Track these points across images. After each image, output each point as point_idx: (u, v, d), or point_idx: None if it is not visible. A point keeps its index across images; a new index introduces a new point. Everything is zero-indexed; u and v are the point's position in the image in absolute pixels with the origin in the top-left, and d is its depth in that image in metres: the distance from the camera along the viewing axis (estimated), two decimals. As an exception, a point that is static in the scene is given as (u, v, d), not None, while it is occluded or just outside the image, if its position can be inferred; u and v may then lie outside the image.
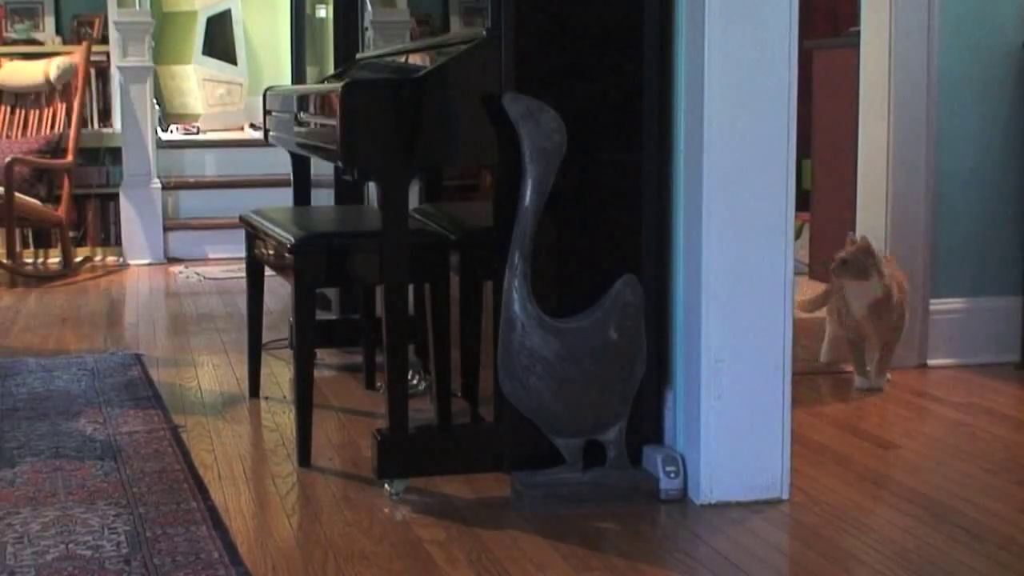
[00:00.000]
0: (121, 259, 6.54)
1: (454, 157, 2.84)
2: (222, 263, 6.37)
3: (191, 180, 6.94)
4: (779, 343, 2.63)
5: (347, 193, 4.03)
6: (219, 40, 8.34)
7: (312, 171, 3.90)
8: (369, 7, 4.78)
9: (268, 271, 3.36)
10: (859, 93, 3.97)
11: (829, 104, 4.50)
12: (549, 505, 2.61)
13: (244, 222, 3.45)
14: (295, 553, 2.39)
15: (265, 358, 3.83)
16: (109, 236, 6.66)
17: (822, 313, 3.87)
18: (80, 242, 6.57)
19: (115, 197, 6.61)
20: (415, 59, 3.12)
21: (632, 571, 2.29)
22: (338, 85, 2.62)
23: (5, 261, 5.99)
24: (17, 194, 5.76)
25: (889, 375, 3.65)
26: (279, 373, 3.87)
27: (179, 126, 7.79)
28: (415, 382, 3.42)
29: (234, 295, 5.38)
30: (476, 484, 2.75)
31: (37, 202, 6.00)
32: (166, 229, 6.61)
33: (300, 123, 3.14)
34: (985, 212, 3.92)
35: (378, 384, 3.60)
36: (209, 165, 7.12)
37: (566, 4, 2.63)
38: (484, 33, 2.63)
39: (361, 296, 3.67)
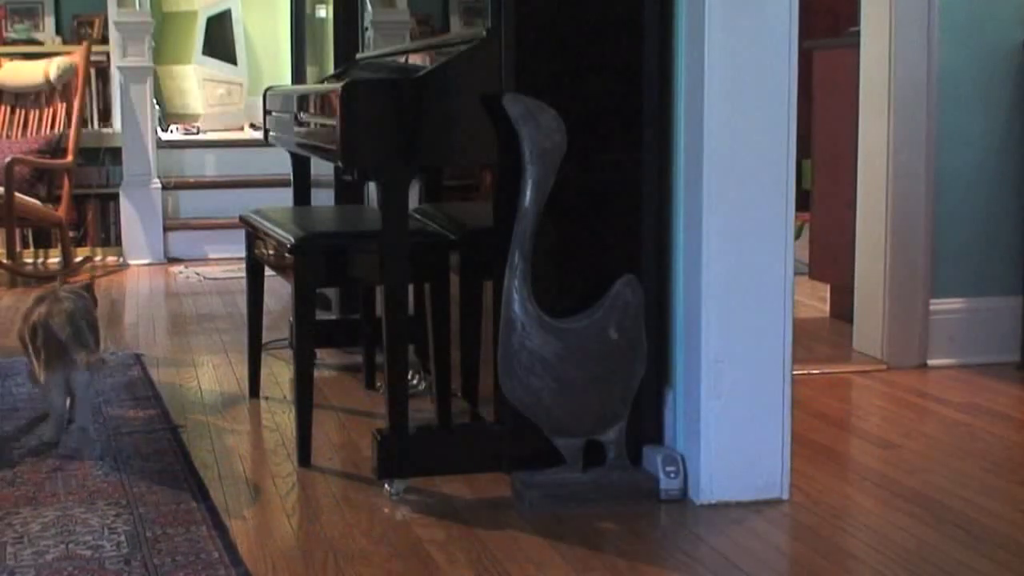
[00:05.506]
0: (121, 259, 6.54)
1: (454, 157, 2.84)
2: (222, 263, 6.37)
3: (191, 180, 6.94)
4: (779, 343, 2.63)
5: (347, 193, 4.03)
6: (219, 40, 8.34)
7: (312, 171, 3.90)
8: (369, 7, 4.78)
9: (268, 271, 3.36)
10: (859, 93, 3.96)
11: (829, 104, 4.49)
12: (549, 505, 2.61)
13: (244, 222, 3.45)
14: (295, 553, 2.39)
15: (265, 358, 3.83)
16: (109, 236, 6.66)
17: None
18: (80, 242, 6.57)
19: (115, 197, 6.61)
20: (415, 59, 3.12)
21: (632, 571, 2.29)
22: (338, 85, 2.62)
23: (5, 261, 5.99)
24: (17, 194, 5.76)
25: None
26: (279, 373, 3.87)
27: (179, 126, 7.79)
28: (415, 382, 3.43)
29: (234, 295, 5.38)
30: (476, 484, 2.75)
31: (37, 202, 6.00)
32: (166, 229, 6.61)
33: (300, 123, 3.14)
34: (985, 212, 3.92)
35: (378, 384, 3.60)
36: (209, 165, 7.12)
37: (566, 4, 2.63)
38: (484, 33, 2.63)
39: (361, 296, 3.67)
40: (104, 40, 6.75)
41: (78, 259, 6.31)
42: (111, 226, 6.68)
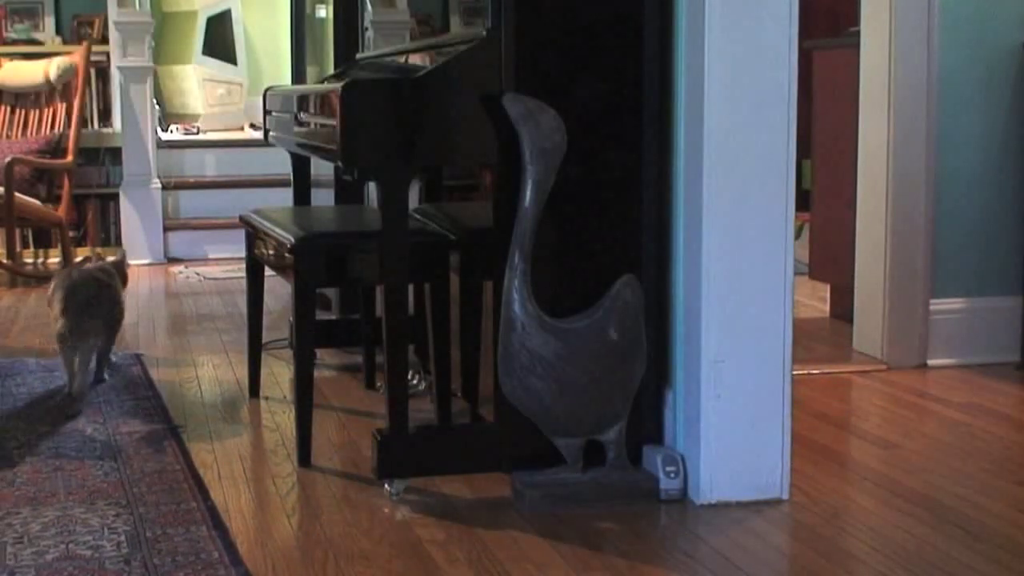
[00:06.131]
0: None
1: (454, 157, 2.84)
2: (222, 263, 6.37)
3: (191, 180, 6.94)
4: (779, 343, 2.63)
5: (347, 193, 4.03)
6: (219, 40, 8.34)
7: (312, 171, 3.90)
8: (369, 7, 4.78)
9: (268, 271, 3.36)
10: (859, 93, 3.96)
11: (829, 104, 4.49)
12: (549, 505, 2.61)
13: (244, 222, 3.45)
14: (295, 553, 2.39)
15: (265, 358, 3.83)
16: (109, 236, 6.67)
17: None
18: (80, 242, 6.57)
19: (115, 197, 6.61)
20: (415, 59, 3.12)
21: (632, 571, 2.29)
22: (338, 85, 2.62)
23: (5, 261, 5.99)
24: (17, 194, 5.76)
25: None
26: (279, 373, 3.87)
27: (179, 126, 7.79)
28: (415, 382, 3.43)
29: (234, 295, 5.38)
30: (476, 484, 2.75)
31: (37, 202, 6.00)
32: (166, 229, 6.61)
33: (300, 123, 3.14)
34: (985, 212, 3.92)
35: (378, 384, 3.60)
36: (209, 165, 7.12)
37: (566, 4, 2.63)
38: (484, 33, 2.63)
39: (361, 296, 3.67)
40: (104, 40, 6.75)
41: (78, 259, 6.30)
42: (111, 226, 6.68)
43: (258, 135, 6.33)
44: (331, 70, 4.29)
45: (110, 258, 3.91)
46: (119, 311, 3.68)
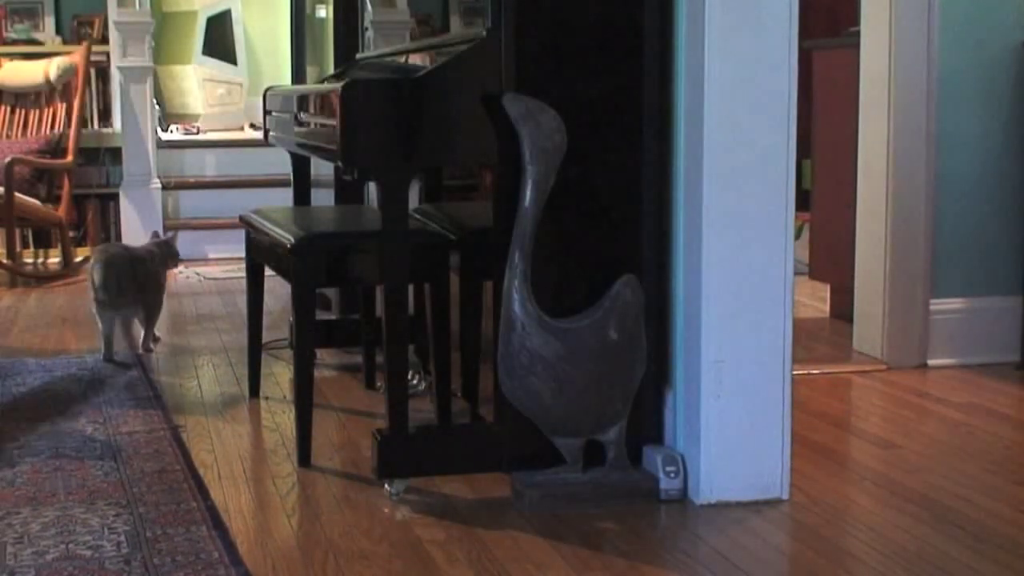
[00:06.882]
0: (121, 259, 6.53)
1: (454, 157, 2.85)
2: (222, 263, 6.37)
3: (191, 180, 6.94)
4: (779, 343, 2.63)
5: (347, 193, 4.03)
6: (219, 40, 8.33)
7: (312, 171, 3.90)
8: (369, 7, 4.79)
9: (268, 271, 3.36)
10: (859, 93, 3.96)
11: (829, 104, 4.49)
12: (549, 505, 2.61)
13: (244, 222, 3.45)
14: (295, 553, 2.39)
15: (265, 358, 3.83)
16: (109, 236, 6.66)
17: None
18: (80, 242, 6.57)
19: (115, 197, 6.61)
20: (415, 59, 3.12)
21: (632, 571, 2.29)
22: (338, 85, 2.62)
23: (5, 261, 5.99)
24: (17, 194, 5.76)
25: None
26: (279, 373, 3.87)
27: (179, 126, 7.79)
28: (415, 382, 3.43)
29: (234, 295, 5.38)
30: (476, 484, 2.75)
31: (37, 202, 6.00)
32: (166, 229, 6.60)
33: (300, 123, 3.14)
34: (985, 212, 3.92)
35: (378, 384, 3.60)
36: (209, 165, 7.12)
37: (566, 4, 2.63)
38: (484, 33, 2.63)
39: (361, 296, 3.67)
40: (104, 40, 6.75)
41: (78, 259, 6.31)
42: (111, 226, 6.68)
43: (258, 135, 6.32)
44: (331, 70, 4.29)
45: (161, 239, 4.38)
46: (157, 286, 4.15)
